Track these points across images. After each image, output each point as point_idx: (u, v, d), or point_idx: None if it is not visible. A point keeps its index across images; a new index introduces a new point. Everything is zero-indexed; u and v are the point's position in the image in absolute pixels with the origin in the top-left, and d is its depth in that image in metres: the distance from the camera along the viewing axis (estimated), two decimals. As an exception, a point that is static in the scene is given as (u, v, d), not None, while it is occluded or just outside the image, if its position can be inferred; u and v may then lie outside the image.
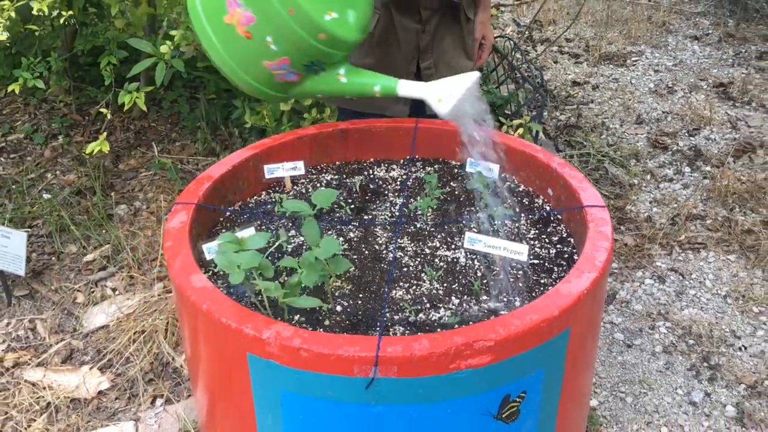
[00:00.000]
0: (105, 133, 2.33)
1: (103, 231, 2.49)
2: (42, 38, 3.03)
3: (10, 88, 2.41)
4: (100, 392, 1.97)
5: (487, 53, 2.00)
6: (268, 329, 1.04)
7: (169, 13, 2.70)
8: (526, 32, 3.93)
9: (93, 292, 2.27)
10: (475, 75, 1.23)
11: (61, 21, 2.16)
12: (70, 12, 2.17)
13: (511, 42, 3.14)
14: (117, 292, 2.28)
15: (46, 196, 2.70)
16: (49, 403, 1.92)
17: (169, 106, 3.15)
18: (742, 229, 2.51)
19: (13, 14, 1.98)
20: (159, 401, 1.93)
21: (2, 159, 2.94)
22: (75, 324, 2.18)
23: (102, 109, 2.38)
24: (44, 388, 1.98)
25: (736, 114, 3.21)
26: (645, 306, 2.23)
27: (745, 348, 2.07)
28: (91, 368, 2.05)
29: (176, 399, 1.93)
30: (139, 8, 2.55)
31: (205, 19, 1.23)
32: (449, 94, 1.20)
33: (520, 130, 2.45)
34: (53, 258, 2.42)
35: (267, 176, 1.53)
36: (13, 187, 2.75)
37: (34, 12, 2.01)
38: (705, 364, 2.01)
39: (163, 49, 2.15)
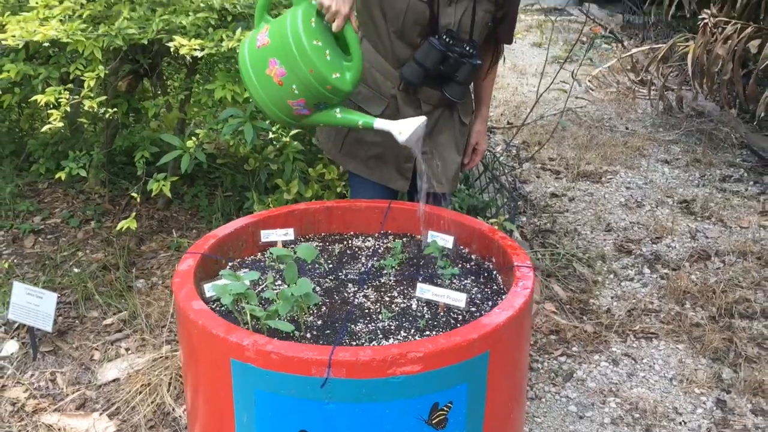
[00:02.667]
0: (134, 214, 2.64)
1: (123, 300, 2.77)
2: (86, 136, 3.43)
3: (57, 176, 2.76)
4: (107, 435, 2.18)
5: (479, 158, 2.32)
6: (248, 338, 1.29)
7: (197, 117, 3.09)
8: (514, 151, 4.30)
9: (108, 350, 2.52)
10: (422, 119, 1.70)
11: (107, 116, 2.52)
12: (115, 109, 2.54)
13: (493, 155, 3.51)
14: (130, 352, 2.52)
15: (75, 270, 2.99)
16: (61, 441, 2.14)
17: (190, 199, 3.49)
18: (691, 323, 2.73)
19: (68, 109, 2.35)
20: (158, 444, 2.14)
21: (40, 239, 3.26)
22: (90, 377, 2.42)
23: (133, 194, 2.71)
24: (58, 430, 2.20)
25: (696, 227, 3.50)
26: (598, 384, 2.43)
27: (685, 423, 2.25)
28: (100, 414, 2.27)
29: (174, 443, 2.14)
30: (171, 113, 2.94)
31: (251, 71, 1.74)
32: (405, 129, 1.69)
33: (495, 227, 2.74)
34: (77, 321, 2.68)
35: (263, 240, 1.82)
36: (47, 262, 3.05)
37: (86, 108, 2.38)
38: (647, 434, 2.20)
39: (189, 143, 2.51)
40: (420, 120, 1.70)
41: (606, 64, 5.94)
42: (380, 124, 1.73)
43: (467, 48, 1.95)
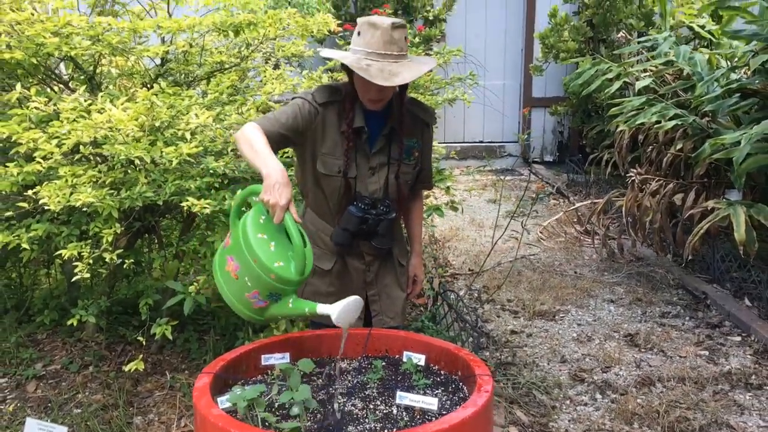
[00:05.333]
0: (141, 356, 2.89)
1: (123, 435, 2.94)
2: (90, 287, 3.71)
3: (68, 322, 3.02)
4: None
5: (419, 287, 2.64)
6: (262, 433, 1.55)
7: (194, 266, 3.42)
8: (476, 294, 4.66)
9: (111, 481, 2.67)
10: (354, 298, 1.88)
11: (125, 266, 2.84)
12: (131, 261, 2.86)
13: (457, 295, 3.86)
14: (131, 481, 2.68)
15: (76, 410, 3.16)
16: None
17: (182, 343, 3.72)
18: (640, 440, 2.99)
19: (91, 261, 2.66)
20: None
21: (42, 384, 3.44)
22: (94, 506, 2.55)
23: (139, 338, 2.97)
24: None
25: (640, 357, 3.82)
26: (560, 496, 2.64)
27: None
28: None
29: None
30: (171, 263, 3.26)
31: (218, 271, 1.97)
32: (335, 311, 1.86)
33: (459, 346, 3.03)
34: (80, 456, 2.83)
35: (263, 363, 2.09)
36: (50, 404, 3.22)
37: (108, 261, 2.70)
38: None
39: (191, 288, 2.81)
40: (351, 300, 1.86)
41: (554, 217, 6.48)
42: (321, 309, 1.88)
43: (382, 208, 2.30)
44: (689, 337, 4.07)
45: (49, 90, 3.43)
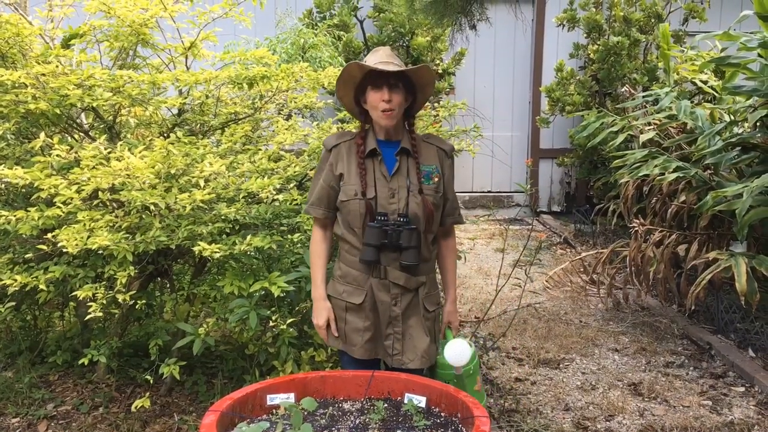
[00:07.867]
0: (148, 393, 2.94)
1: (130, 476, 2.98)
2: (102, 328, 3.79)
3: (80, 361, 3.09)
4: None
5: (455, 333, 2.68)
6: (265, 468, 1.61)
7: (204, 309, 3.50)
8: (482, 342, 4.69)
9: None
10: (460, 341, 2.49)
11: (137, 307, 2.92)
12: (143, 301, 2.95)
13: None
14: None
15: (85, 450, 3.21)
16: None
17: (190, 386, 3.77)
18: (642, 488, 2.99)
19: (104, 302, 2.74)
20: None
21: (53, 424, 3.49)
22: None
23: (147, 377, 3.03)
24: None
25: (644, 406, 3.82)
26: None
27: None
28: None
29: None
30: (182, 306, 3.34)
31: None
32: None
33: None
34: (87, 495, 2.87)
35: (268, 403, 2.15)
36: (59, 444, 3.27)
37: (120, 302, 2.79)
38: None
39: (201, 330, 2.88)
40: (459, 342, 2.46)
41: (560, 266, 6.53)
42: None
43: (399, 219, 2.44)
44: (693, 387, 4.07)
45: (70, 138, 3.57)
